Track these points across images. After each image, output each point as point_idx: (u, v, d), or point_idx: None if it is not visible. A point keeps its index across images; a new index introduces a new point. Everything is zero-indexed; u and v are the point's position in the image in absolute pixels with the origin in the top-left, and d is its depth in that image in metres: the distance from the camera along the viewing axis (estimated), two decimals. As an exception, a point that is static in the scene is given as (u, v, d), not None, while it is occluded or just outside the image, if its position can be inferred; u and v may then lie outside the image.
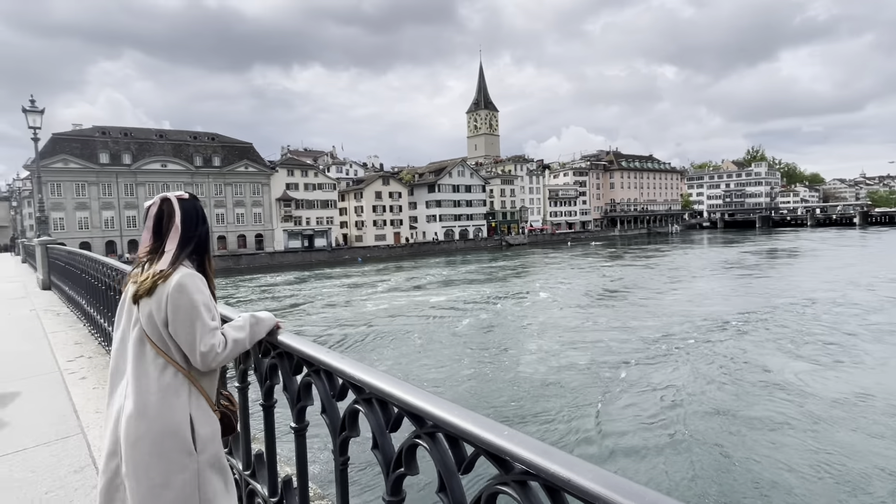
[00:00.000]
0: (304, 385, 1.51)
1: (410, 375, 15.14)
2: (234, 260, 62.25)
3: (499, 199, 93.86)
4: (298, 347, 1.53)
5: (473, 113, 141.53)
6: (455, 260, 64.52)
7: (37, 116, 12.37)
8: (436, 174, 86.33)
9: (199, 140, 68.19)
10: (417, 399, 1.05)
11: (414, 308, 27.98)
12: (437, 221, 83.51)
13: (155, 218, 1.61)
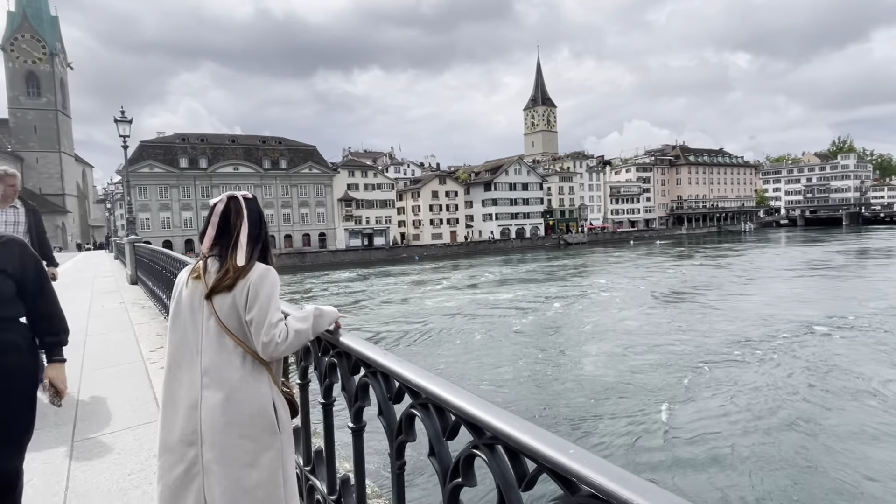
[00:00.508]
0: (362, 386, 1.51)
1: (467, 376, 15.14)
2: (300, 258, 65.13)
3: (557, 197, 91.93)
4: (356, 348, 1.52)
5: (530, 110, 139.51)
6: (511, 259, 63.93)
7: (126, 126, 13.51)
8: (492, 172, 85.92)
9: (267, 144, 71.93)
10: (475, 408, 1.01)
11: (470, 306, 27.98)
12: (493, 220, 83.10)
13: (221, 215, 1.65)
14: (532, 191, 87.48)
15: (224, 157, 67.26)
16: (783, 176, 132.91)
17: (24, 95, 71.72)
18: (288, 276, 51.68)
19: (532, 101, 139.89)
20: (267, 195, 68.68)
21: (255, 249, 1.63)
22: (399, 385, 1.30)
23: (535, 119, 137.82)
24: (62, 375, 2.10)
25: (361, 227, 73.56)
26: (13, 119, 71.64)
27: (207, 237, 1.64)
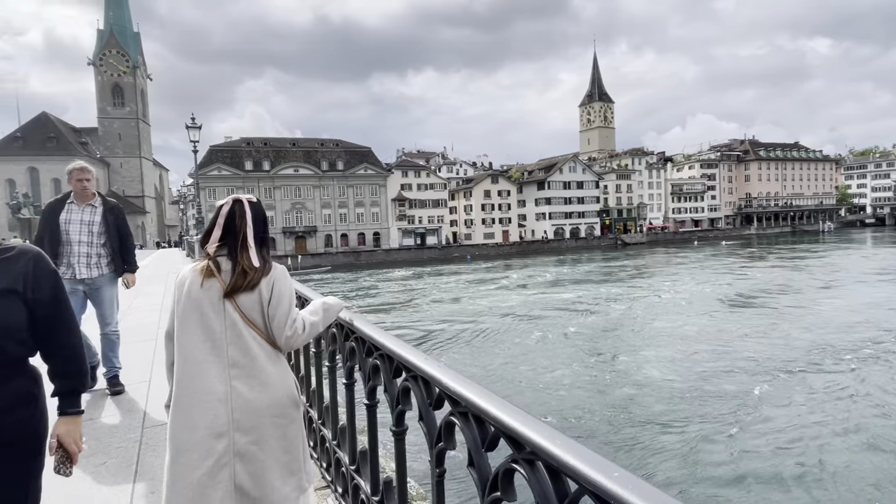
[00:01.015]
0: (403, 389, 1.50)
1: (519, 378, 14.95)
2: (355, 256, 67.00)
3: (614, 196, 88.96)
4: (398, 351, 1.52)
5: (587, 106, 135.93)
6: (565, 259, 62.58)
7: (196, 132, 14.45)
8: (546, 171, 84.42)
9: (325, 146, 74.48)
10: (514, 420, 0.97)
11: (524, 307, 27.64)
12: (546, 219, 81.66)
13: (227, 216, 1.70)
14: (587, 189, 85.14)
15: (285, 160, 70.32)
16: (869, 171, 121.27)
17: (111, 106, 78.33)
18: (344, 275, 53.31)
19: (588, 96, 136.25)
20: (325, 196, 71.12)
21: (262, 250, 1.71)
22: (439, 391, 1.28)
23: (592, 115, 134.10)
24: (77, 433, 1.54)
25: (414, 227, 74.56)
26: (101, 128, 78.47)
27: (214, 237, 1.69)
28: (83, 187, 3.81)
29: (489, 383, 13.93)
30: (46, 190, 68.23)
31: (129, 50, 79.05)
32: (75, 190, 3.83)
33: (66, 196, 3.90)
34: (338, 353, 2.16)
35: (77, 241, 3.80)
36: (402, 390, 1.51)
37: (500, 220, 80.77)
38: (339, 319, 2.04)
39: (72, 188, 3.85)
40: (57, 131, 72.59)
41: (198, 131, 14.33)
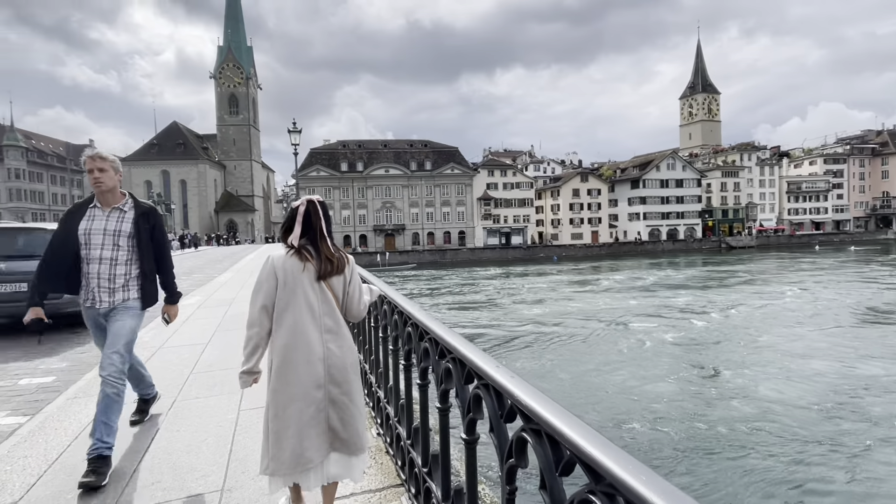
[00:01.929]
0: (474, 397, 1.43)
1: (605, 390, 14.24)
2: (441, 254, 68.21)
3: (718, 195, 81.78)
4: (469, 356, 1.44)
5: (688, 98, 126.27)
6: (661, 262, 58.67)
7: (296, 135, 15.51)
8: (640, 168, 79.76)
9: (414, 147, 76.65)
10: (591, 445, 0.85)
11: (613, 312, 26.35)
12: (640, 220, 77.17)
13: (305, 214, 2.09)
14: (687, 188, 79.11)
15: (377, 161, 73.41)
16: None
17: (227, 114, 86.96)
18: (429, 272, 54.47)
19: (690, 88, 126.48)
20: (413, 195, 73.21)
21: (332, 241, 2.14)
22: (511, 404, 1.19)
23: (694, 108, 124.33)
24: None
25: (499, 226, 74.22)
26: (220, 134, 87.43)
27: (296, 233, 2.07)
28: (96, 180, 2.78)
29: (573, 394, 13.42)
30: (175, 190, 77.49)
31: (243, 63, 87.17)
32: (99, 185, 2.80)
33: (91, 199, 2.91)
34: (413, 354, 2.20)
35: (98, 258, 2.79)
36: (474, 398, 1.43)
37: (590, 220, 77.73)
38: (415, 319, 2.06)
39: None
40: (184, 138, 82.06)
41: (298, 135, 15.41)
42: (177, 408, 3.58)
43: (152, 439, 3.04)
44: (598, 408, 12.27)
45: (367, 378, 3.32)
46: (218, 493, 2.40)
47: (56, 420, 3.40)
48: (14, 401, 4.00)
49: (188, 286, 12.05)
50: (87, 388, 4.13)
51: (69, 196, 79.77)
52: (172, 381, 4.21)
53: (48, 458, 2.83)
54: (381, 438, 2.88)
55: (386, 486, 2.43)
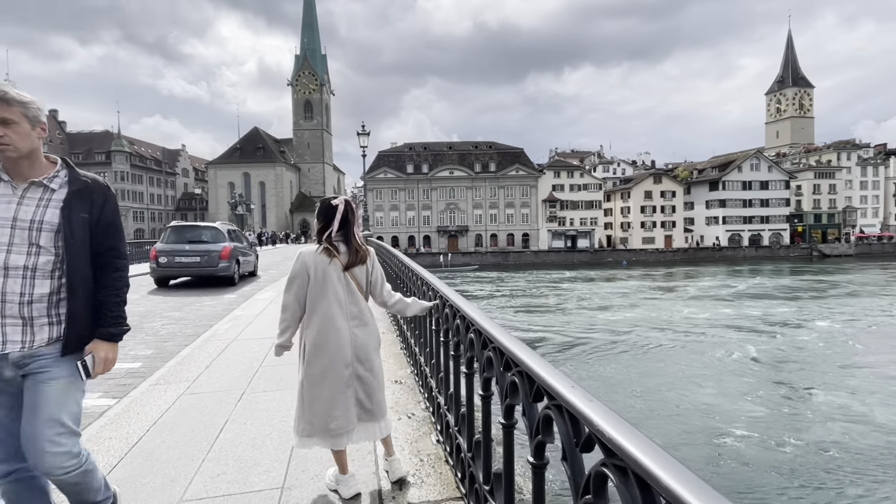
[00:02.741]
0: (544, 418, 1.27)
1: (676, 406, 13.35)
2: (503, 256, 67.62)
3: (809, 198, 74.72)
4: (538, 371, 1.29)
5: (776, 93, 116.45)
6: (741, 270, 54.48)
7: (365, 138, 15.92)
8: (720, 170, 74.60)
9: (479, 149, 76.61)
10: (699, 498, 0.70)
11: (687, 322, 24.78)
12: (719, 224, 72.17)
13: (343, 212, 2.37)
14: (774, 190, 72.95)
15: (442, 163, 74.13)
16: None
17: (303, 119, 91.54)
18: (491, 274, 54.13)
19: (779, 82, 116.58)
20: (477, 196, 73.15)
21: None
22: (589, 432, 1.03)
23: (783, 104, 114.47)
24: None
25: (565, 229, 72.35)
26: (295, 138, 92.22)
27: (334, 227, 2.35)
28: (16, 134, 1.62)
29: (645, 411, 12.70)
30: (255, 191, 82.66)
31: (317, 70, 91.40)
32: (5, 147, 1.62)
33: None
34: (476, 361, 2.07)
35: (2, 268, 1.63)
36: (544, 419, 1.28)
37: (663, 224, 73.77)
38: (478, 326, 1.93)
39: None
40: (264, 142, 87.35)
41: (367, 137, 15.82)
42: (245, 401, 3.69)
43: (221, 430, 3.14)
44: (673, 427, 11.50)
45: (428, 382, 3.24)
46: (278, 491, 2.41)
47: (139, 404, 3.63)
48: (106, 384, 4.33)
49: (264, 281, 12.71)
50: (168, 375, 4.40)
51: (164, 196, 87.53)
52: (243, 374, 4.37)
53: (129, 441, 3.00)
54: (440, 446, 2.78)
55: (445, 499, 2.33)
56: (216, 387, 4.02)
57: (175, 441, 2.98)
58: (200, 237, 11.85)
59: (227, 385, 4.06)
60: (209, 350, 5.26)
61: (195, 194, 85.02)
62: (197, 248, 11.46)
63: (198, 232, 12.11)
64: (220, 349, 5.31)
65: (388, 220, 72.86)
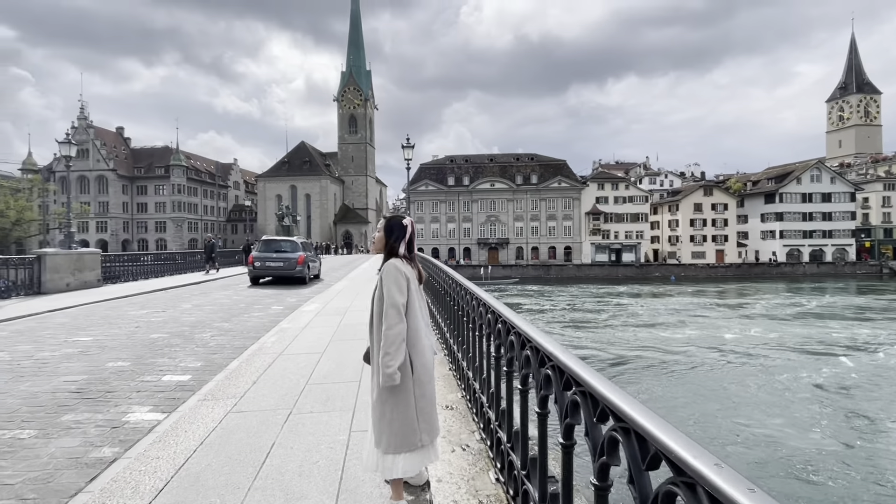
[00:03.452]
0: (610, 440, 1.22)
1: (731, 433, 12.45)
2: (545, 270, 66.45)
3: (878, 211, 69.65)
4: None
5: (838, 101, 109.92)
6: (802, 288, 51.16)
7: (410, 150, 15.98)
8: (776, 181, 70.81)
9: (520, 161, 76.09)
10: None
11: (743, 342, 23.33)
12: (776, 238, 68.31)
13: (411, 233, 2.51)
14: (837, 202, 68.46)
15: (483, 175, 74.06)
16: None
17: (347, 133, 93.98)
18: (533, 287, 53.19)
19: (841, 88, 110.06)
20: (518, 209, 72.51)
21: None
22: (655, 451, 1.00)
23: (846, 111, 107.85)
24: None
25: (609, 242, 70.43)
26: (340, 152, 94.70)
27: (410, 245, 2.50)
28: None
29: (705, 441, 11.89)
30: (301, 203, 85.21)
31: (362, 86, 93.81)
32: None
33: None
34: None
35: None
36: (609, 441, 1.14)
37: (714, 238, 70.54)
38: (535, 343, 1.90)
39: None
40: (310, 156, 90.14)
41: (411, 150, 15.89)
42: (292, 421, 3.56)
43: (267, 454, 3.00)
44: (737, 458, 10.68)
45: (483, 410, 3.00)
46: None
47: (187, 422, 3.56)
48: (157, 396, 4.33)
49: (308, 293, 12.84)
50: (216, 390, 4.35)
51: (216, 208, 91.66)
52: (289, 391, 4.26)
53: (176, 462, 2.90)
54: (500, 486, 2.54)
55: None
56: (262, 405, 3.92)
57: (221, 465, 2.86)
58: (283, 248, 15.45)
59: (273, 403, 3.95)
60: (256, 365, 5.22)
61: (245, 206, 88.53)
62: (281, 256, 15.01)
63: (281, 244, 15.65)
64: (266, 363, 5.26)
65: (429, 232, 73.23)
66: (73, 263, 13.39)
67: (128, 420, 3.74)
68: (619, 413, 1.14)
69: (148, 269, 17.91)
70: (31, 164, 77.64)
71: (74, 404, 4.10)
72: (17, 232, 55.06)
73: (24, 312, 9.08)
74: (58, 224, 58.41)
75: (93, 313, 9.22)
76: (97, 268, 14.40)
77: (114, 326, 7.77)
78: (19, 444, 3.31)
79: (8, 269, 11.84)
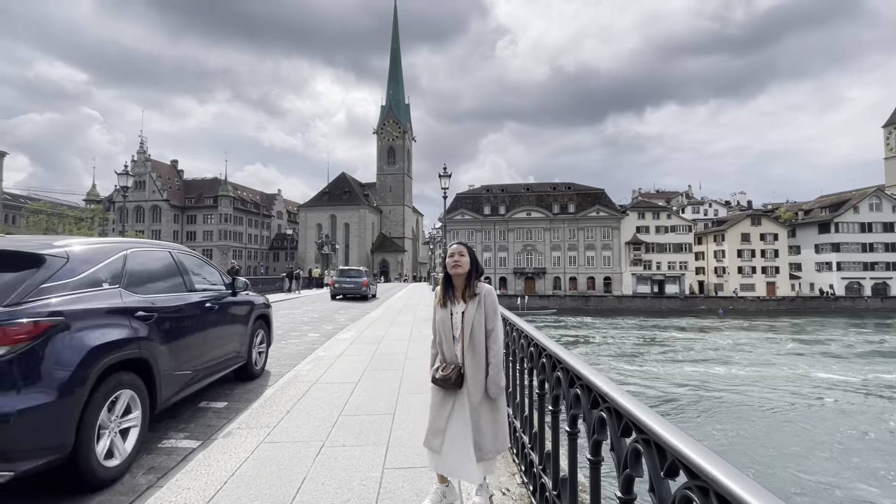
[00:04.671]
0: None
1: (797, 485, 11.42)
2: (584, 300, 64.79)
3: (949, 242, 64.62)
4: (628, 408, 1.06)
5: None
6: (865, 323, 47.61)
7: (447, 180, 16.10)
8: (830, 210, 67.30)
9: (557, 190, 75.63)
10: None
11: (804, 382, 21.73)
12: (832, 270, 64.42)
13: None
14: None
15: (519, 204, 73.92)
16: None
17: (386, 164, 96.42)
18: (570, 318, 51.81)
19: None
20: (555, 238, 71.63)
21: None
22: (673, 459, 0.91)
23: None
24: None
25: (651, 273, 68.22)
26: (379, 183, 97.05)
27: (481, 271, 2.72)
28: None
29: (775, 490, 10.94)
30: (340, 232, 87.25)
31: (401, 119, 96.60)
32: None
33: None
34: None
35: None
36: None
37: (764, 270, 67.20)
38: (586, 381, 1.75)
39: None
40: (350, 186, 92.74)
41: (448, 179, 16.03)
42: (324, 455, 3.43)
43: (298, 490, 2.87)
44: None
45: (525, 452, 2.79)
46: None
47: (219, 451, 3.49)
48: (193, 422, 4.31)
49: (344, 320, 12.88)
50: (250, 419, 4.29)
51: (260, 236, 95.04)
52: (322, 423, 4.15)
53: (206, 494, 2.82)
54: (524, 487, 2.74)
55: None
56: (295, 436, 3.82)
57: (251, 499, 2.76)
58: (352, 275, 22.11)
59: (306, 435, 3.85)
60: (291, 393, 5.16)
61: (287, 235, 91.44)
62: (352, 280, 21.53)
63: (351, 272, 22.51)
64: (301, 392, 5.19)
65: (465, 261, 73.14)
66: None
67: (162, 447, 3.72)
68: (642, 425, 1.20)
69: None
70: (95, 195, 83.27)
71: (113, 428, 4.12)
72: (78, 258, 58.41)
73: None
74: (115, 251, 61.66)
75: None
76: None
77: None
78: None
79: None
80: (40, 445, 2.53)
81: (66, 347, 2.71)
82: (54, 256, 3.02)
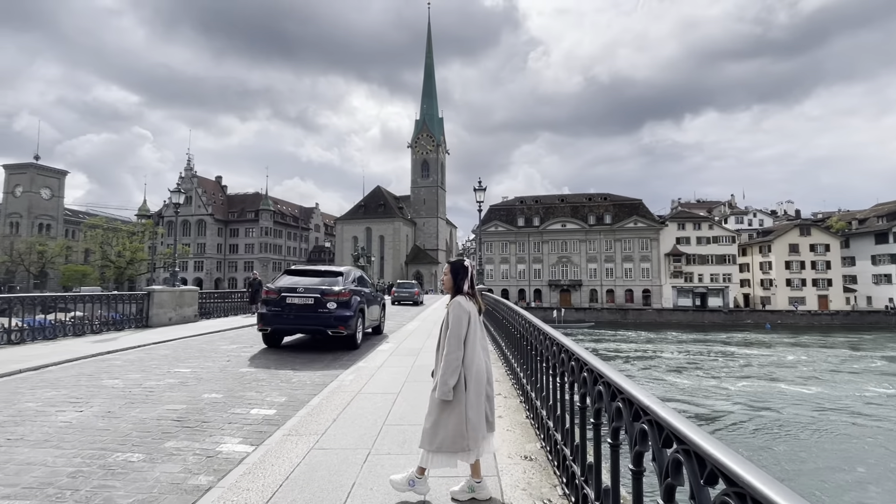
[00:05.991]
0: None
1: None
2: (621, 314, 63.30)
3: None
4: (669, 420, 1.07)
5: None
6: (931, 340, 44.41)
7: (481, 193, 16.25)
8: (888, 219, 63.52)
9: (592, 201, 74.58)
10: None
11: (860, 402, 20.52)
12: (892, 283, 60.63)
13: (472, 273, 3.08)
14: (970, 243, 59.79)
15: (553, 216, 73.28)
16: None
17: (420, 178, 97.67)
18: (608, 332, 50.68)
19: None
20: (591, 249, 70.49)
21: None
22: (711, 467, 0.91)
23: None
24: None
25: (692, 285, 66.05)
26: (413, 195, 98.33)
27: (472, 283, 3.06)
28: None
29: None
30: (375, 244, 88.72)
31: (434, 133, 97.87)
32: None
33: None
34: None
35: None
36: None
37: (815, 282, 63.94)
38: (628, 395, 1.82)
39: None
40: (385, 199, 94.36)
41: (483, 192, 16.19)
42: (370, 463, 3.60)
43: (348, 494, 3.04)
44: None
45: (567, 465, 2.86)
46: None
47: (273, 455, 3.71)
48: (245, 429, 4.56)
49: (417, 310, 13.13)
50: (299, 426, 4.51)
51: (298, 249, 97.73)
52: (367, 432, 4.33)
53: (264, 495, 3.02)
54: (566, 499, 2.82)
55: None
56: (343, 444, 4.01)
57: (306, 501, 2.94)
58: (408, 287, 29.02)
59: (353, 443, 4.03)
60: (335, 402, 5.37)
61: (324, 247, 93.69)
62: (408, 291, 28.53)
63: (405, 285, 29.58)
64: (345, 402, 5.39)
65: (499, 273, 72.90)
66: (176, 300, 14.75)
67: (220, 450, 3.97)
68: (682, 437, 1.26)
69: (237, 306, 19.29)
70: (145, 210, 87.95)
71: (176, 432, 4.43)
72: (130, 270, 61.90)
73: (135, 343, 10.07)
74: (163, 263, 65.02)
75: (190, 346, 10.02)
76: (195, 304, 15.74)
77: (208, 359, 8.37)
78: (130, 466, 3.61)
79: (123, 304, 13.27)
80: (351, 326, 9.24)
81: (352, 300, 9.32)
82: (344, 273, 9.84)
